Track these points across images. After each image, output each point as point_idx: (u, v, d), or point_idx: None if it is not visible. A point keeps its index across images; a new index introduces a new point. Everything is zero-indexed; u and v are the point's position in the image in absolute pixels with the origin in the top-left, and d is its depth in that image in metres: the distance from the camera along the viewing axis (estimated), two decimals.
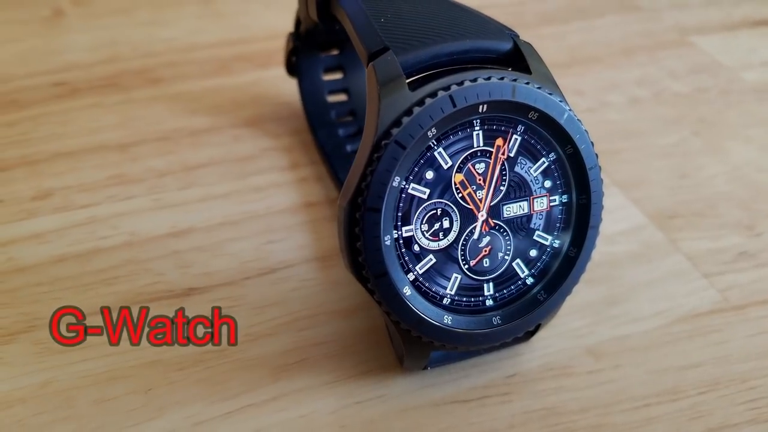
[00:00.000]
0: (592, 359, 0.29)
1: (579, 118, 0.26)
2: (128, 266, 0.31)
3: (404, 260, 0.25)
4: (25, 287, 0.30)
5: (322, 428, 0.26)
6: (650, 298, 0.32)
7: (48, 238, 0.32)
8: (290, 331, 0.29)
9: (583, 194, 0.26)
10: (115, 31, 0.47)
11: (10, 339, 0.28)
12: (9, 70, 0.42)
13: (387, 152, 0.23)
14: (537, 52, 0.26)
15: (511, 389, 0.28)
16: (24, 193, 0.34)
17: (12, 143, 0.37)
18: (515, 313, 0.26)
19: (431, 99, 0.23)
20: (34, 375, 0.27)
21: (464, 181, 0.25)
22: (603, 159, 0.38)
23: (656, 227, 0.36)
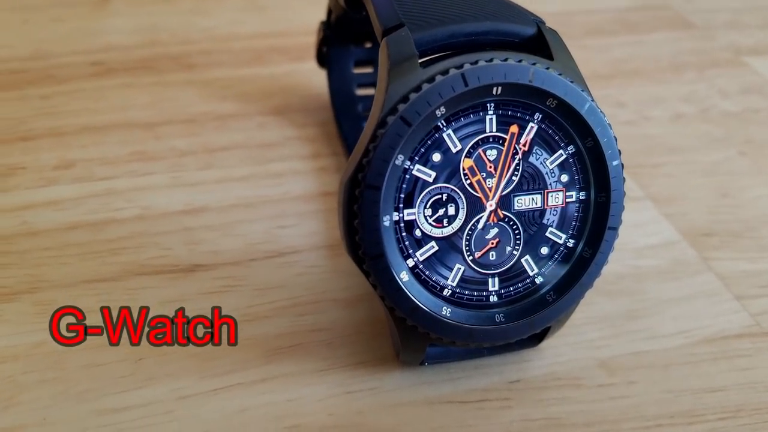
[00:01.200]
0: (605, 373, 0.27)
1: (605, 115, 0.24)
2: (137, 238, 0.31)
3: (404, 244, 0.24)
4: (35, 250, 0.30)
5: (309, 414, 0.25)
6: (674, 316, 0.30)
7: (64, 205, 0.32)
8: (289, 315, 0.28)
9: (603, 192, 0.24)
10: (158, 17, 0.48)
11: (12, 298, 0.28)
12: (51, 48, 0.43)
13: (391, 128, 0.22)
14: (562, 40, 0.25)
15: (512, 395, 0.26)
16: (47, 162, 0.35)
17: (43, 114, 0.38)
18: (521, 312, 0.25)
19: (442, 77, 0.22)
20: (30, 335, 0.27)
21: (473, 167, 0.24)
22: (640, 172, 0.37)
23: (689, 244, 0.34)
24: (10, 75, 0.41)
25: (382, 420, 0.25)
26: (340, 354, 0.27)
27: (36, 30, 0.45)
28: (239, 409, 0.25)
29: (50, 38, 0.44)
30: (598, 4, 0.56)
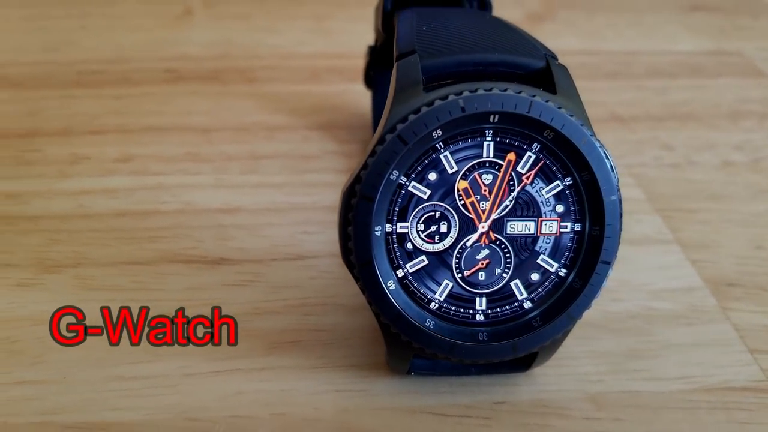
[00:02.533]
0: (593, 406, 0.28)
1: (607, 151, 0.25)
2: (175, 230, 0.34)
3: (395, 255, 0.25)
4: (84, 231, 0.34)
5: (296, 405, 0.27)
6: (679, 361, 0.30)
7: (117, 194, 0.36)
8: (296, 314, 0.30)
9: (597, 225, 0.25)
10: (232, 33, 0.52)
11: (56, 270, 0.31)
12: (131, 54, 0.48)
13: (388, 145, 0.24)
14: (570, 76, 0.26)
15: (494, 415, 0.27)
16: (110, 154, 0.38)
17: (114, 113, 0.42)
18: (504, 333, 0.25)
19: (441, 101, 0.24)
20: (65, 304, 0.30)
21: (468, 189, 0.25)
22: (674, 216, 0.37)
23: (710, 292, 0.33)
24: (91, 75, 0.45)
25: (363, 420, 0.26)
26: (337, 355, 0.29)
27: (121, 37, 0.50)
28: (235, 391, 0.27)
29: (132, 45, 0.49)
30: (665, 46, 0.56)
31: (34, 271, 0.31)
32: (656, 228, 0.37)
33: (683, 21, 0.59)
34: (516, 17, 0.58)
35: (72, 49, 0.48)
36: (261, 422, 0.26)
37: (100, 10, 0.54)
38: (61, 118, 0.41)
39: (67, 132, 0.40)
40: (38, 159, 0.38)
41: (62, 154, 0.38)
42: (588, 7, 0.61)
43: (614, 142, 0.43)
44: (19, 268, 0.31)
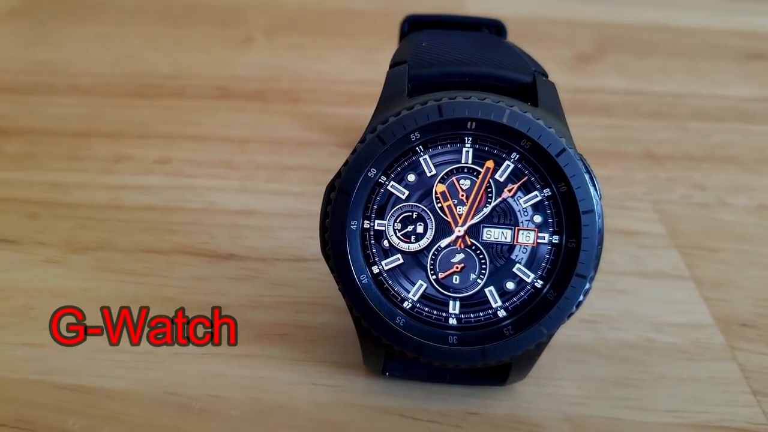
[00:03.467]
0: (569, 428, 0.27)
1: (588, 165, 0.25)
2: (194, 226, 0.36)
3: (372, 251, 0.26)
4: (113, 220, 0.36)
5: (272, 393, 0.28)
6: (672, 394, 0.29)
7: (149, 191, 0.39)
8: (288, 310, 0.31)
9: (573, 238, 0.25)
10: (285, 59, 0.55)
11: (81, 251, 0.34)
12: (189, 71, 0.52)
13: (367, 144, 0.25)
14: (556, 92, 0.26)
15: (464, 425, 0.27)
16: (150, 156, 0.42)
17: (162, 121, 0.45)
18: (474, 339, 0.26)
19: (420, 105, 0.25)
20: (83, 282, 0.32)
21: (446, 193, 0.26)
22: (692, 253, 0.36)
23: (719, 330, 0.32)
24: (148, 87, 0.49)
25: (333, 414, 0.27)
26: (320, 351, 0.29)
27: (184, 56, 0.54)
28: (216, 373, 0.28)
29: (192, 64, 0.53)
30: (716, 90, 0.54)
31: (62, 251, 0.34)
32: (672, 263, 0.36)
33: (738, 69, 0.58)
34: (564, 57, 0.59)
35: (138, 64, 0.53)
36: (236, 403, 0.27)
37: (172, 32, 0.58)
38: (114, 122, 0.45)
39: (117, 135, 0.44)
40: (87, 156, 0.41)
41: (108, 154, 0.42)
42: (642, 51, 0.61)
43: (643, 179, 0.42)
44: (49, 247, 0.34)
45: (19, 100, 0.47)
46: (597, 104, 0.51)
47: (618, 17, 0.68)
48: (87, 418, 0.26)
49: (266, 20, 0.62)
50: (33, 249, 0.34)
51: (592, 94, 0.53)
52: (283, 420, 0.27)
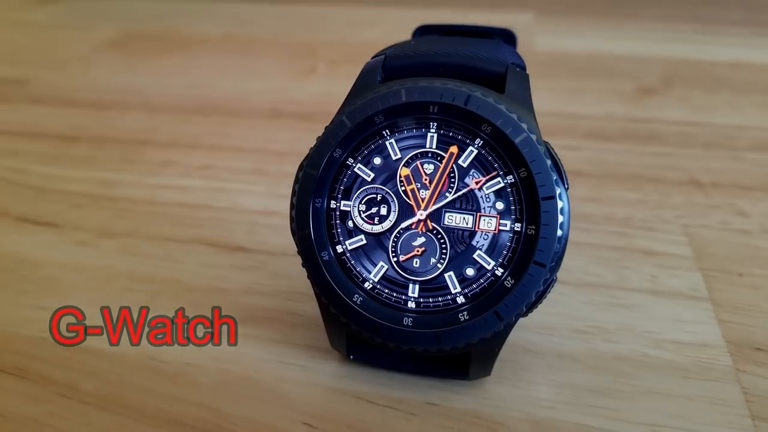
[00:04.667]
0: (532, 429, 0.26)
1: (553, 151, 0.25)
2: (216, 221, 0.39)
3: (336, 231, 0.27)
4: (146, 213, 0.40)
5: (242, 366, 0.29)
6: (655, 408, 0.27)
7: (184, 191, 0.42)
8: (281, 298, 0.33)
9: (533, 225, 0.25)
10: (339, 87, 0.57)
11: (111, 236, 0.37)
12: (249, 95, 0.56)
13: (333, 126, 0.26)
14: (528, 83, 0.26)
15: (421, 413, 0.26)
16: (194, 163, 0.45)
17: (213, 134, 0.49)
18: (428, 322, 0.25)
19: (386, 90, 0.26)
20: (104, 260, 0.35)
21: (409, 177, 0.26)
22: (717, 276, 0.34)
23: (728, 352, 0.29)
24: (208, 107, 0.53)
25: (292, 390, 0.27)
26: (297, 335, 0.30)
27: (249, 83, 0.58)
28: (195, 346, 0.30)
29: (255, 89, 0.57)
30: None
31: (94, 235, 0.37)
32: (691, 284, 0.33)
33: None
34: (625, 89, 0.57)
35: (206, 88, 0.57)
36: (206, 372, 0.28)
37: (244, 64, 0.63)
38: (170, 134, 0.49)
39: (170, 144, 0.48)
40: (139, 160, 0.45)
41: (158, 159, 0.46)
42: (711, 86, 0.58)
43: (679, 203, 0.40)
44: (84, 231, 0.38)
45: (95, 114, 0.52)
46: (647, 133, 0.49)
47: (692, 55, 0.65)
48: (72, 371, 0.28)
49: (332, 54, 0.65)
50: (69, 232, 0.38)
51: (645, 123, 0.51)
52: (245, 391, 0.27)
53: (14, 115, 0.53)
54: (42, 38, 0.72)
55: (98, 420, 0.26)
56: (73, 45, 0.69)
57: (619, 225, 0.38)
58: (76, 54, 0.66)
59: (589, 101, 0.55)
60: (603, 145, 0.48)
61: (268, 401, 0.27)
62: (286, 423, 0.26)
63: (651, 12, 0.81)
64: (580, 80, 0.60)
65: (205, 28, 0.74)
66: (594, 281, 0.34)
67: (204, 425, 0.26)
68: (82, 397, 0.27)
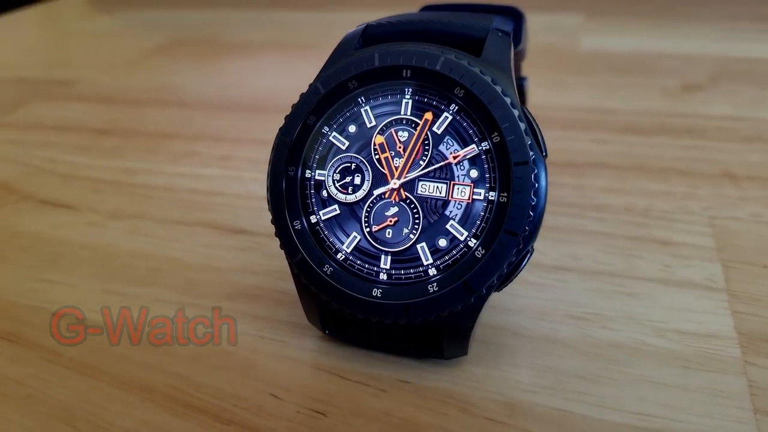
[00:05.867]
0: (505, 411, 0.24)
1: (531, 116, 0.24)
2: (224, 206, 0.39)
3: (311, 201, 0.26)
4: (160, 198, 0.40)
5: (222, 338, 0.28)
6: (645, 397, 0.25)
7: (201, 179, 0.43)
8: (272, 277, 0.32)
9: (504, 192, 0.23)
10: None
11: (121, 218, 0.38)
12: (283, 93, 0.57)
13: (307, 93, 0.26)
14: (509, 47, 0.25)
15: (392, 390, 0.25)
16: (215, 154, 0.46)
17: (240, 129, 0.50)
18: (398, 294, 0.24)
19: (359, 55, 0.25)
20: (111, 239, 0.36)
21: (384, 144, 0.25)
22: (738, 267, 0.32)
23: (738, 344, 0.27)
24: (240, 104, 0.55)
25: (266, 364, 0.27)
26: (282, 312, 0.30)
27: (286, 82, 0.59)
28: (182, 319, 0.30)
29: (285, 88, 0.58)
30: None
31: (105, 217, 0.39)
32: (708, 275, 0.31)
33: None
34: (669, 86, 0.55)
35: (241, 87, 0.59)
36: (185, 344, 0.28)
37: (279, 65, 0.65)
38: (198, 128, 0.50)
39: (196, 137, 0.49)
40: (163, 151, 0.47)
41: (182, 150, 0.47)
42: (762, 82, 0.55)
43: (707, 195, 0.38)
44: (97, 213, 0.39)
45: (130, 111, 0.54)
46: (684, 127, 0.47)
47: (745, 53, 0.62)
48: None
49: None
50: (83, 214, 0.39)
51: (684, 118, 0.48)
52: (220, 362, 0.27)
53: (57, 112, 0.55)
54: (97, 45, 0.76)
55: (76, 384, 0.27)
56: (123, 51, 0.72)
57: (638, 215, 0.36)
58: (125, 59, 0.69)
59: (626, 97, 0.53)
60: (634, 139, 0.45)
61: (240, 373, 0.27)
62: (253, 393, 0.26)
63: (706, 11, 0.77)
64: (621, 77, 0.57)
65: (249, 35, 0.76)
66: (601, 269, 0.32)
67: (172, 392, 0.26)
68: (66, 363, 0.28)
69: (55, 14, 0.98)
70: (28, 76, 0.66)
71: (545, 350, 0.27)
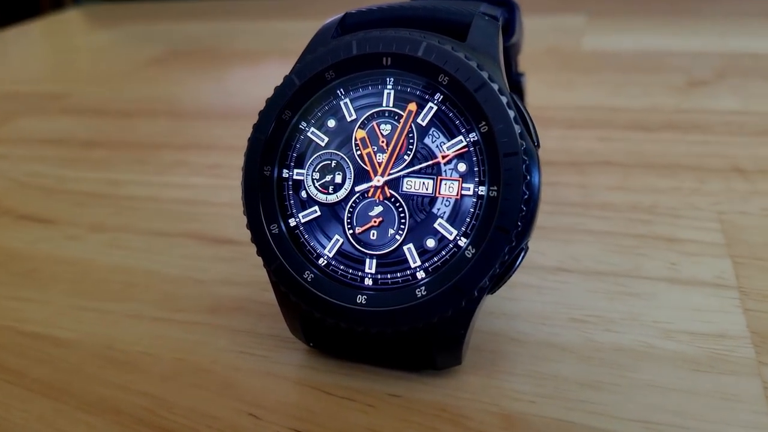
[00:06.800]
0: (501, 424, 0.22)
1: (521, 104, 0.22)
2: (213, 215, 0.37)
3: (289, 203, 0.24)
4: (143, 210, 0.39)
5: (198, 356, 0.27)
6: (652, 404, 0.23)
7: (187, 188, 0.41)
8: (256, 288, 0.30)
9: (494, 185, 0.21)
10: None
11: (102, 231, 0.37)
12: None
13: (281, 85, 0.24)
14: (496, 32, 0.23)
15: (380, 405, 0.23)
16: (205, 163, 0.44)
17: (233, 136, 0.48)
18: (383, 300, 0.22)
19: (336, 43, 0.24)
20: (87, 254, 0.35)
21: (365, 139, 0.24)
22: (750, 263, 0.30)
23: (751, 343, 0.25)
24: (233, 113, 0.53)
25: (245, 381, 0.25)
26: (265, 325, 0.28)
27: None
28: (157, 335, 0.28)
29: None
30: None
31: (85, 230, 0.37)
32: (717, 272, 0.29)
33: None
34: (675, 82, 0.53)
35: (235, 97, 0.57)
36: (159, 361, 0.27)
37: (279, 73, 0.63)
38: (189, 137, 0.49)
39: (186, 146, 0.47)
40: (152, 161, 0.45)
41: (170, 160, 0.45)
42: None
43: (716, 190, 0.36)
44: (77, 227, 0.37)
45: (120, 122, 0.53)
46: (691, 123, 0.45)
47: (753, 48, 0.60)
48: (26, 359, 0.27)
49: None
50: (63, 228, 0.37)
51: (691, 114, 0.46)
52: (195, 381, 0.25)
53: (45, 125, 0.54)
54: (93, 58, 0.75)
55: (38, 407, 0.25)
56: (119, 63, 0.71)
57: (644, 213, 0.34)
58: (120, 71, 0.68)
59: (632, 94, 0.51)
60: (640, 136, 0.43)
61: (217, 391, 0.25)
62: (229, 413, 0.24)
63: (712, 8, 0.76)
64: (625, 75, 0.55)
65: (250, 44, 0.75)
66: (604, 269, 0.30)
67: (141, 413, 0.24)
68: (29, 384, 0.26)
69: (54, 30, 0.97)
70: (19, 90, 0.65)
71: (545, 356, 0.25)
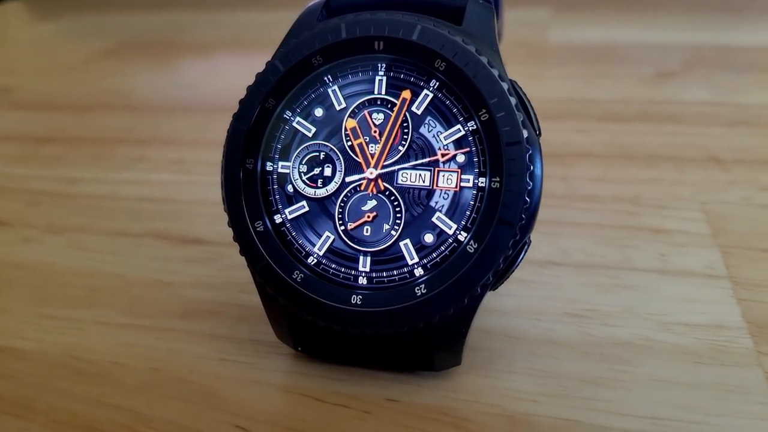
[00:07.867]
0: (506, 426, 0.21)
1: (521, 90, 0.21)
2: (179, 213, 0.35)
3: (274, 197, 0.23)
4: (102, 209, 0.36)
5: (176, 365, 0.25)
6: (656, 399, 0.22)
7: (150, 186, 0.38)
8: (232, 290, 0.29)
9: (496, 176, 0.20)
10: None
11: (59, 232, 0.34)
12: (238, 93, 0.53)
13: (264, 72, 0.22)
14: (492, 16, 0.22)
15: (377, 411, 0.22)
16: (168, 158, 0.42)
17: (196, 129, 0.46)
18: (379, 300, 0.21)
19: (324, 26, 0.22)
20: (46, 257, 0.32)
21: (356, 129, 0.22)
22: (738, 253, 0.30)
23: (749, 333, 0.25)
24: (194, 105, 0.51)
25: (228, 390, 0.23)
26: (244, 329, 0.26)
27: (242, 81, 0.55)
28: (128, 343, 0.26)
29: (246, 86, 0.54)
30: None
31: (42, 232, 0.34)
32: (707, 262, 0.29)
33: None
34: (644, 74, 0.53)
35: (197, 90, 0.55)
36: (133, 371, 0.25)
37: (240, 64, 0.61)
38: (149, 132, 0.46)
39: (146, 141, 0.45)
40: (109, 157, 0.42)
41: (131, 156, 0.43)
42: (739, 68, 0.53)
43: (697, 181, 0.35)
44: (33, 228, 0.35)
45: (73, 116, 0.50)
46: (664, 114, 0.45)
47: (718, 41, 0.61)
48: None
49: None
50: (18, 230, 0.35)
51: (663, 104, 0.46)
52: (174, 392, 0.23)
53: None
54: (37, 51, 0.71)
55: (1, 427, 0.23)
56: (66, 56, 0.67)
57: (629, 204, 0.34)
58: (67, 64, 0.64)
59: (603, 86, 0.51)
60: (617, 127, 0.43)
61: (199, 402, 0.23)
62: (213, 425, 0.22)
63: (677, 2, 0.76)
64: (594, 67, 0.55)
65: (206, 36, 0.72)
66: (595, 262, 0.29)
67: (117, 429, 0.22)
68: None
69: None
70: None
71: (543, 353, 0.24)
